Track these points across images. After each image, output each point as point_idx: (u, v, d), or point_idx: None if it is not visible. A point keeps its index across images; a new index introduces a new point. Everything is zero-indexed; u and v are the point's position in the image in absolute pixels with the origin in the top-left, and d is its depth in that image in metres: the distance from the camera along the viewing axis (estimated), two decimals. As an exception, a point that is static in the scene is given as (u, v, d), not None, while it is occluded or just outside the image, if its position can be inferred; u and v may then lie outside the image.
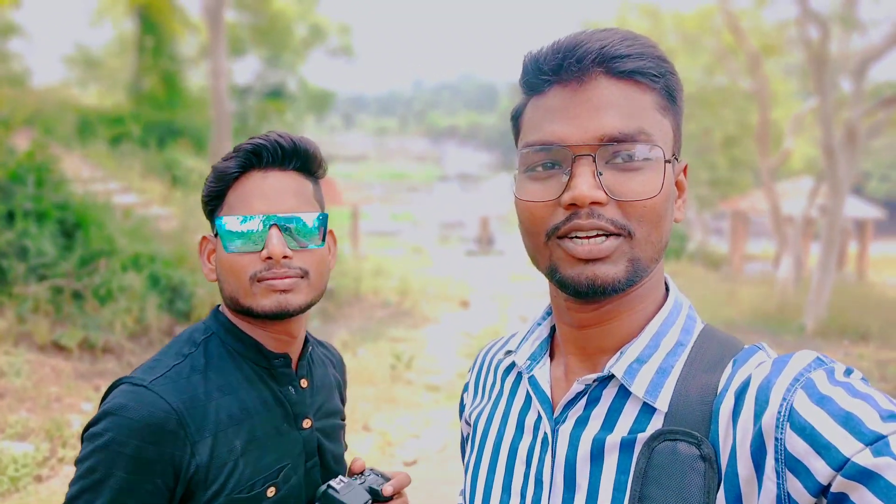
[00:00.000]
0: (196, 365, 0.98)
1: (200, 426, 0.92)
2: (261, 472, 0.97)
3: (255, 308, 0.97)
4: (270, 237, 0.95)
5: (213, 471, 0.92)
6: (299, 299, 0.98)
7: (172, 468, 0.89)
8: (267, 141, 0.99)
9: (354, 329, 8.26)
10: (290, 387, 1.05)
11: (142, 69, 14.22)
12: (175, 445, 0.89)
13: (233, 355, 1.02)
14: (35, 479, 3.64)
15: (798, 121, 12.53)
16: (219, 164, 1.01)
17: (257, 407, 1.00)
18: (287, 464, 1.01)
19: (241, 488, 0.94)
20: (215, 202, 1.02)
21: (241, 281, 0.97)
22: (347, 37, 19.02)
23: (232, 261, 0.98)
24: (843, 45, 9.92)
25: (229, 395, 0.98)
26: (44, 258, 5.97)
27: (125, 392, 0.91)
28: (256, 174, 0.99)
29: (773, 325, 9.47)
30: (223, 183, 1.00)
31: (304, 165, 1.03)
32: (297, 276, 0.98)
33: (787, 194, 13.94)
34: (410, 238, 22.25)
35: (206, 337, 1.03)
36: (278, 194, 0.98)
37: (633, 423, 0.67)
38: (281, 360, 1.04)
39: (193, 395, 0.94)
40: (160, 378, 0.93)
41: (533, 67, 0.69)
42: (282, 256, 0.95)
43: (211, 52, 8.53)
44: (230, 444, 0.95)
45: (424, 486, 3.97)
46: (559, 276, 0.67)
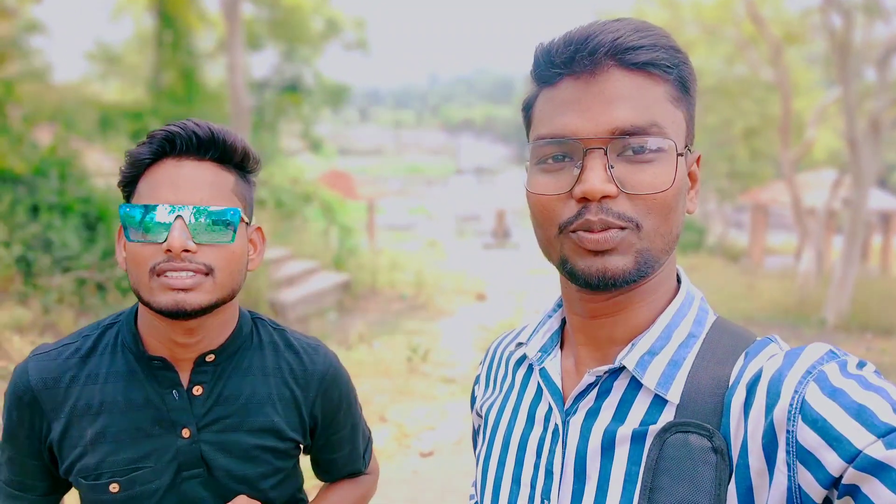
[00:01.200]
0: (81, 349, 1.02)
1: (56, 406, 0.99)
2: (108, 467, 0.97)
3: (152, 304, 0.92)
4: (172, 228, 0.89)
5: (64, 449, 0.99)
6: (200, 298, 0.91)
7: (34, 433, 1.00)
8: (182, 128, 0.94)
9: (371, 322, 8.31)
10: (173, 391, 1.00)
11: (161, 64, 14.36)
12: (32, 416, 0.99)
13: (119, 347, 1.02)
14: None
15: (821, 111, 12.30)
16: (133, 149, 0.96)
17: (119, 403, 0.99)
18: (147, 466, 0.98)
19: (87, 475, 0.98)
20: (129, 188, 0.97)
21: (140, 273, 0.92)
22: (362, 31, 19.02)
23: (134, 251, 0.92)
24: (867, 34, 9.70)
25: (94, 385, 1.00)
26: (68, 251, 6.08)
27: (26, 358, 1.02)
28: (169, 162, 0.94)
29: (793, 319, 9.34)
30: (135, 169, 0.96)
31: (223, 156, 0.97)
32: (199, 273, 0.91)
33: (809, 186, 13.71)
34: (426, 232, 22.27)
35: (110, 323, 1.05)
36: (190, 184, 0.93)
37: (645, 414, 0.67)
38: (159, 362, 1.00)
39: (58, 377, 1.00)
40: (42, 354, 1.02)
41: (544, 59, 0.68)
42: (182, 249, 0.89)
43: (228, 46, 8.59)
44: (82, 430, 0.98)
45: (440, 477, 4.00)
46: (570, 267, 0.67)
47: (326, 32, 18.16)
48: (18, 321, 5.22)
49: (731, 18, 12.76)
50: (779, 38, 11.37)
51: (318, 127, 20.96)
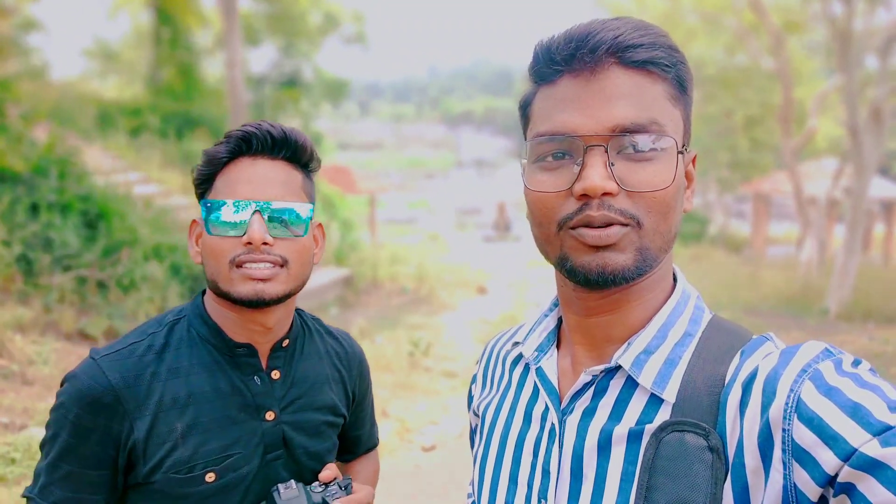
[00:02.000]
0: (154, 345, 1.01)
1: (140, 404, 0.96)
2: (202, 457, 0.98)
3: (232, 294, 0.98)
4: (252, 222, 0.96)
5: (150, 447, 0.96)
6: (277, 288, 0.99)
7: (111, 438, 0.95)
8: (257, 128, 1.00)
9: (372, 316, 8.32)
10: (255, 377, 1.05)
11: (159, 61, 14.32)
12: (111, 418, 0.95)
13: (195, 340, 1.04)
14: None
15: (822, 100, 12.24)
16: (210, 148, 1.03)
17: (207, 393, 1.01)
18: (238, 453, 1.01)
19: (179, 469, 0.97)
20: (204, 186, 1.03)
21: (220, 265, 0.98)
22: (361, 24, 18.95)
23: (213, 244, 0.99)
24: (868, 22, 9.64)
25: (178, 378, 1.00)
26: (68, 249, 6.08)
27: (83, 362, 0.98)
28: (245, 160, 1.01)
29: (795, 308, 9.33)
30: (212, 167, 1.02)
31: (293, 156, 1.04)
32: (276, 265, 0.98)
33: (811, 175, 13.66)
34: (427, 225, 22.26)
35: (175, 319, 1.06)
36: (265, 182, 1.00)
37: (641, 414, 0.67)
38: (244, 349, 1.04)
39: (138, 374, 0.98)
40: (112, 354, 0.98)
41: (544, 57, 0.68)
42: (261, 242, 0.96)
43: (226, 42, 8.55)
44: (171, 425, 0.98)
45: (443, 471, 4.01)
46: (570, 264, 0.67)
47: (325, 26, 18.09)
48: (19, 320, 5.23)
49: (731, 7, 12.68)
50: (779, 26, 11.30)
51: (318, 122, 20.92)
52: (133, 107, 12.72)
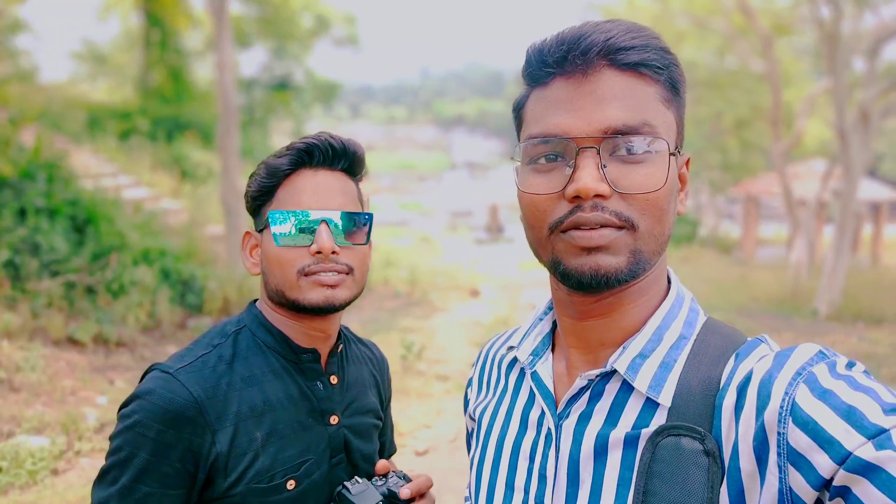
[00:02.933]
0: (223, 355, 1.01)
1: (221, 415, 0.95)
2: (281, 465, 0.99)
3: (301, 301, 1.00)
4: (320, 232, 0.99)
5: (232, 459, 0.95)
6: (344, 294, 1.02)
7: (192, 454, 0.93)
8: (319, 140, 1.03)
9: (365, 320, 8.29)
10: (318, 382, 1.07)
11: (149, 63, 14.25)
12: (194, 432, 0.93)
13: (262, 348, 1.05)
14: (52, 473, 3.69)
15: (810, 102, 12.35)
16: (270, 160, 1.04)
17: (281, 400, 1.02)
18: (310, 458, 1.02)
19: (261, 479, 0.96)
20: (264, 197, 1.05)
21: (288, 274, 1.00)
22: (353, 26, 18.94)
23: (280, 254, 1.00)
24: (856, 25, 9.73)
25: (253, 386, 1.00)
26: (56, 254, 6.02)
27: (154, 378, 0.95)
28: (307, 172, 1.03)
29: (785, 309, 9.39)
30: (275, 179, 1.03)
31: (350, 166, 1.07)
32: (343, 272, 1.01)
33: (800, 177, 13.78)
34: (420, 227, 22.26)
35: (237, 329, 1.06)
36: (328, 192, 1.02)
37: (637, 418, 0.67)
38: (309, 354, 1.06)
39: (216, 385, 0.97)
40: (186, 367, 0.97)
41: (536, 59, 0.68)
42: (331, 252, 0.99)
43: (216, 44, 8.50)
44: (251, 434, 0.97)
45: (436, 475, 3.99)
46: (563, 267, 0.66)
47: (316, 29, 18.06)
48: (7, 326, 5.17)
49: (720, 10, 12.77)
50: (768, 29, 11.39)
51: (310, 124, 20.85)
52: (123, 110, 12.65)
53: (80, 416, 4.28)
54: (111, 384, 5.02)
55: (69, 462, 3.84)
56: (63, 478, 3.67)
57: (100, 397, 4.75)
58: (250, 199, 1.07)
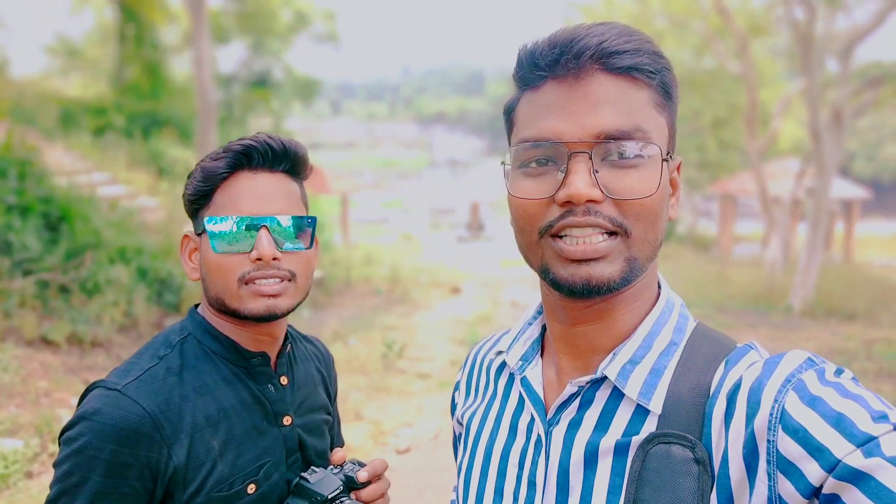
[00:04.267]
0: (171, 366, 0.98)
1: (176, 428, 0.93)
2: (241, 470, 0.98)
3: (242, 311, 0.98)
4: (260, 238, 0.96)
5: (190, 471, 0.93)
6: (287, 302, 0.99)
7: (149, 471, 0.90)
8: (257, 142, 0.98)
9: (345, 318, 8.25)
10: (269, 385, 1.05)
11: (124, 58, 13.99)
12: (151, 448, 0.90)
13: (209, 355, 1.02)
14: (25, 476, 3.62)
15: (785, 102, 12.57)
16: (206, 163, 1.00)
17: (235, 406, 1.00)
18: (268, 461, 1.02)
19: (221, 487, 0.95)
20: (201, 201, 1.01)
21: (228, 282, 0.97)
22: (332, 22, 18.79)
23: (219, 261, 0.97)
24: (829, 26, 9.92)
25: (206, 395, 0.98)
26: (28, 252, 5.89)
27: (99, 396, 0.90)
28: (245, 174, 0.99)
29: (761, 306, 9.56)
30: (211, 182, 0.99)
31: (292, 167, 1.03)
32: (285, 279, 0.99)
33: (775, 175, 14.01)
34: (401, 225, 22.20)
35: (181, 338, 1.03)
36: (268, 196, 0.99)
37: (627, 425, 0.66)
38: (258, 358, 1.04)
39: (168, 398, 0.94)
40: (134, 381, 0.93)
41: (528, 62, 0.67)
42: (271, 258, 0.96)
43: (194, 39, 8.38)
44: (207, 444, 0.95)
45: (418, 474, 3.99)
46: (552, 276, 0.66)
47: (295, 24, 17.89)
48: (-22, 326, 5.04)
49: (698, 11, 12.93)
50: (744, 30, 11.56)
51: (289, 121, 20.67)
52: (97, 105, 12.40)
53: (55, 418, 4.20)
54: (86, 385, 4.92)
55: (43, 464, 3.77)
56: (37, 480, 3.60)
57: (74, 398, 4.66)
58: (187, 202, 1.03)
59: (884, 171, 34.30)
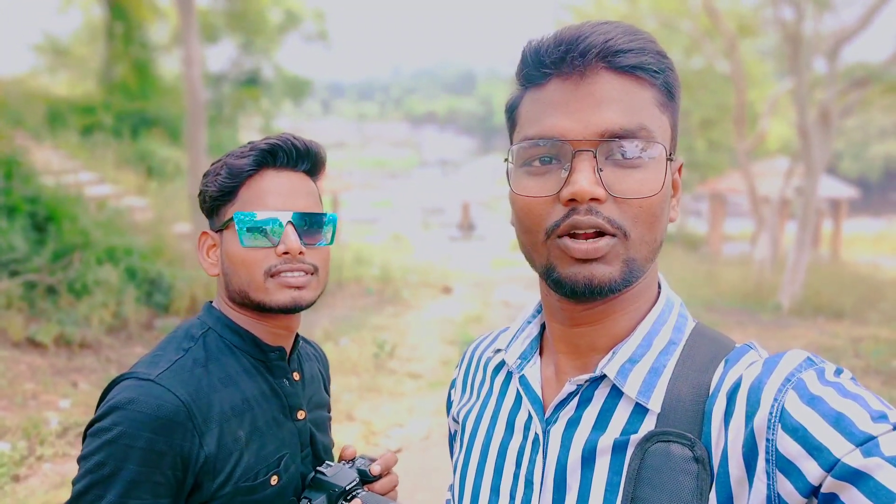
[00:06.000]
0: (197, 358, 1.00)
1: (207, 417, 0.95)
2: (264, 461, 1.00)
3: (268, 303, 1.01)
4: (287, 233, 1.00)
5: (220, 461, 0.95)
6: (310, 295, 1.04)
7: (182, 460, 0.91)
8: (282, 141, 1.03)
9: (336, 318, 8.23)
10: (284, 379, 1.09)
11: (112, 57, 13.86)
12: (184, 437, 0.92)
13: (231, 349, 1.05)
14: (13, 479, 3.58)
15: (773, 102, 12.66)
16: (232, 160, 1.03)
17: (257, 398, 1.03)
18: (286, 453, 1.04)
19: (247, 477, 0.97)
20: (225, 198, 1.04)
21: (254, 275, 1.01)
22: (322, 22, 18.73)
23: (246, 255, 1.01)
24: (817, 26, 10.01)
25: (230, 386, 1.00)
26: (15, 253, 5.83)
27: (132, 387, 0.92)
28: (270, 172, 1.03)
29: (750, 304, 9.63)
30: (237, 179, 1.03)
31: (312, 167, 1.08)
32: (309, 273, 1.03)
33: (764, 175, 14.12)
34: (391, 225, 22.17)
35: (203, 332, 1.05)
36: (292, 193, 1.03)
37: (626, 423, 0.66)
38: (277, 352, 1.08)
39: (198, 387, 0.96)
40: (165, 372, 0.95)
41: (533, 59, 0.67)
42: (298, 252, 1.00)
43: (183, 38, 8.31)
44: (234, 434, 0.98)
45: (409, 474, 3.99)
46: (556, 275, 0.65)
47: (285, 24, 17.81)
48: (-36, 328, 4.98)
49: (687, 11, 13.00)
50: (733, 30, 11.64)
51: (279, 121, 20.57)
52: (85, 104, 12.28)
53: (42, 421, 4.15)
54: (74, 387, 4.88)
55: (31, 468, 3.73)
56: (25, 484, 3.56)
57: (62, 401, 4.61)
58: (209, 198, 1.05)
59: (870, 170, 34.68)
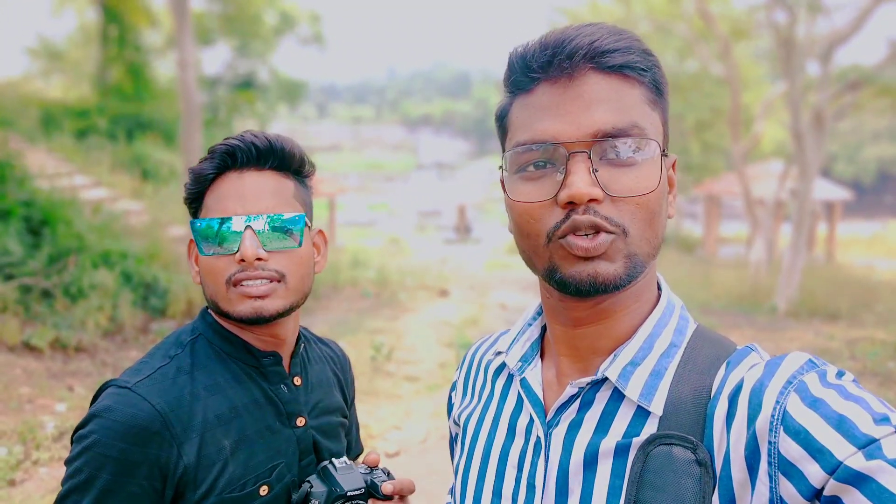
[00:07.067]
0: (182, 366, 0.98)
1: (187, 427, 0.92)
2: (253, 471, 0.97)
3: (231, 313, 0.97)
4: (243, 238, 0.94)
5: (201, 471, 0.92)
6: (276, 304, 0.97)
7: (159, 469, 0.89)
8: (241, 141, 0.98)
9: (333, 322, 8.21)
10: (282, 385, 1.05)
11: (106, 60, 13.84)
12: (161, 447, 0.89)
13: (221, 355, 1.02)
14: (9, 484, 3.56)
15: (767, 105, 12.72)
16: (195, 166, 1.00)
17: (247, 406, 1.00)
18: (281, 462, 1.01)
19: (233, 487, 0.94)
20: (195, 205, 1.02)
21: (217, 285, 0.97)
22: (318, 25, 18.74)
23: (208, 264, 0.97)
24: (810, 30, 10.07)
25: (217, 394, 0.97)
26: (10, 257, 5.80)
27: (110, 394, 0.91)
28: (232, 175, 0.99)
29: (746, 306, 9.65)
30: (200, 185, 1.00)
31: (281, 164, 1.01)
32: (273, 280, 0.97)
33: (758, 177, 14.18)
34: (388, 228, 22.16)
35: (192, 338, 1.03)
36: (254, 195, 0.97)
37: (628, 426, 0.66)
38: (270, 358, 1.04)
39: (179, 396, 0.93)
40: (145, 380, 0.93)
41: (520, 65, 0.67)
42: (255, 258, 0.94)
43: (178, 41, 8.31)
44: (219, 443, 0.95)
45: (407, 477, 3.98)
46: (560, 275, 0.65)
47: (280, 27, 17.82)
48: (-42, 333, 4.95)
49: (681, 15, 13.06)
50: (727, 34, 11.70)
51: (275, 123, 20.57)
52: (80, 108, 12.25)
53: (38, 425, 4.13)
54: (70, 391, 4.85)
55: (27, 472, 3.70)
56: (21, 488, 3.54)
57: (58, 405, 4.59)
58: (187, 206, 1.03)
59: (864, 172, 34.87)
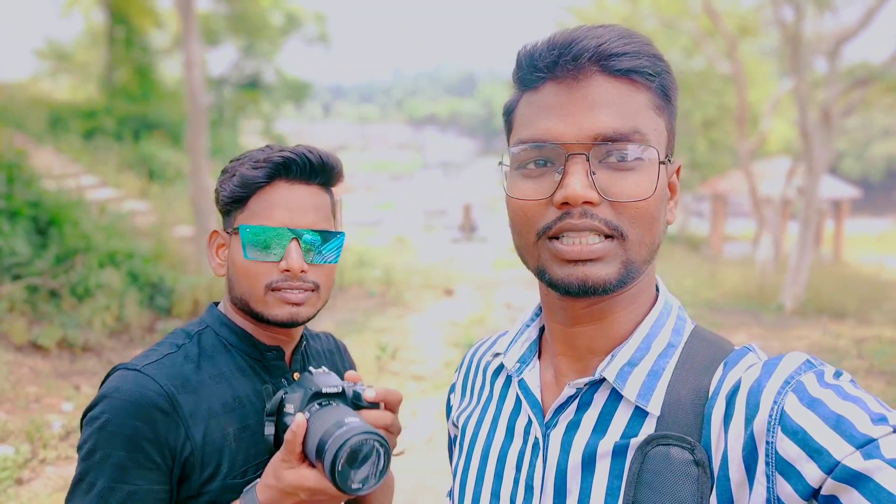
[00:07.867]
0: (189, 355, 1.01)
1: (193, 410, 0.95)
2: (253, 459, 0.99)
3: (265, 316, 1.01)
4: (290, 250, 0.99)
5: (206, 454, 0.95)
6: (308, 312, 1.03)
7: (168, 448, 0.92)
8: (297, 154, 1.01)
9: (339, 321, 8.23)
10: (283, 379, 1.08)
11: (114, 61, 13.92)
12: (169, 427, 0.92)
13: (226, 347, 1.05)
14: (16, 482, 3.58)
15: (775, 102, 12.65)
16: (246, 170, 1.02)
17: (250, 396, 1.03)
18: None
19: (235, 473, 0.97)
20: (236, 204, 1.04)
21: (255, 288, 1.01)
22: (323, 25, 18.78)
23: (248, 267, 1.00)
24: (817, 26, 10.00)
25: (222, 383, 1.01)
26: (17, 257, 5.84)
27: (119, 376, 0.94)
28: (282, 184, 1.02)
29: (753, 304, 9.60)
30: (248, 189, 1.02)
31: (327, 181, 1.06)
32: (309, 290, 1.02)
33: (765, 175, 14.10)
34: (393, 227, 22.18)
35: (200, 329, 1.06)
36: (301, 208, 1.02)
37: (626, 427, 0.66)
38: (273, 352, 1.08)
39: (185, 381, 0.97)
40: (153, 363, 0.96)
41: (527, 63, 0.67)
42: (299, 271, 0.99)
43: (184, 42, 8.33)
44: (223, 430, 0.97)
45: (412, 476, 3.98)
46: (548, 277, 0.66)
47: (286, 27, 17.87)
48: (-33, 332, 4.99)
49: (688, 12, 13.00)
50: (734, 31, 11.64)
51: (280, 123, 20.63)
52: (87, 109, 12.33)
53: (45, 424, 4.16)
54: (77, 390, 4.88)
55: (34, 471, 3.73)
56: (28, 487, 3.57)
57: (65, 404, 4.62)
58: (221, 202, 1.05)
59: (872, 169, 34.63)
